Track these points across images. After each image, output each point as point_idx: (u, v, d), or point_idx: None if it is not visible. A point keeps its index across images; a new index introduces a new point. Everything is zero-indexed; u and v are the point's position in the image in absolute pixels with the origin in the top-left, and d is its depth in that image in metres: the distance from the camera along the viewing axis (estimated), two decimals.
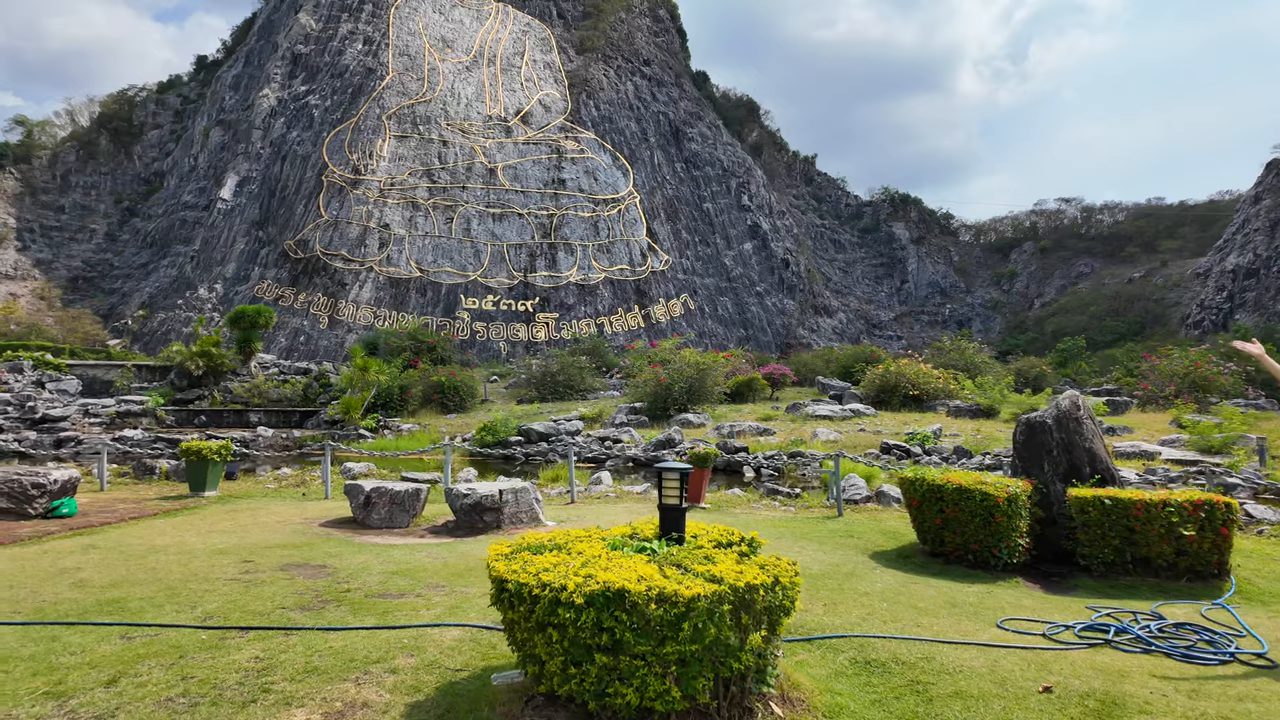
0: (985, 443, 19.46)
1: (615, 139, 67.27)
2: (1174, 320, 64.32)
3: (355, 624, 4.76)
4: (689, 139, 73.07)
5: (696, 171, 71.92)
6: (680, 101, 76.08)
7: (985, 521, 6.31)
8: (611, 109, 69.60)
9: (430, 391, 28.98)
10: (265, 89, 57.34)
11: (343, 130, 56.44)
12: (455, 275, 54.80)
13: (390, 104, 59.00)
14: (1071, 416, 6.84)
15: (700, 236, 67.68)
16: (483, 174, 59.57)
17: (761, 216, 71.92)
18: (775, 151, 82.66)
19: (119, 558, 7.02)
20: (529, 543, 3.98)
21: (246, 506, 10.44)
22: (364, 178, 54.59)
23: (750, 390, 28.94)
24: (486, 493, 8.51)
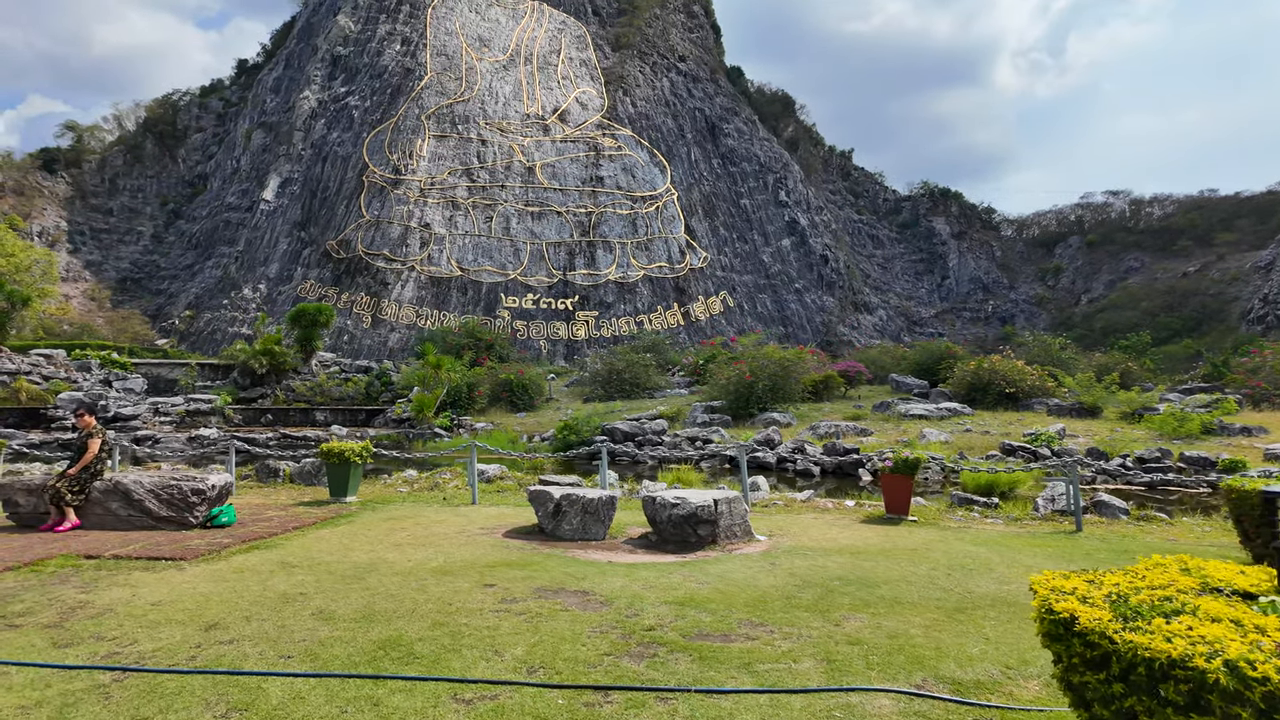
0: (1119, 444, 18.29)
1: (652, 136, 66.45)
2: (1233, 315, 62.40)
3: (727, 682, 3.82)
4: (725, 135, 72.06)
5: (733, 167, 70.91)
6: (716, 97, 75.09)
7: None
8: (648, 106, 68.80)
9: (499, 390, 28.21)
10: (305, 91, 57.04)
11: (382, 131, 56.05)
12: (495, 274, 54.18)
13: (429, 104, 58.51)
14: None
15: (738, 233, 66.68)
16: (521, 173, 58.95)
17: (799, 212, 70.76)
18: (811, 146, 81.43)
19: (331, 579, 6.14)
20: (1107, 583, 2.98)
21: (402, 514, 9.57)
22: (404, 178, 54.13)
23: (826, 388, 27.88)
24: (701, 503, 7.56)
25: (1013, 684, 3.77)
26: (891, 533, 8.30)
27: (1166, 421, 20.07)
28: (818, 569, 6.37)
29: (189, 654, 4.40)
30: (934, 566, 6.47)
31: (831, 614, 5.03)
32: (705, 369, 30.89)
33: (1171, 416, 20.25)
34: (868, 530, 8.49)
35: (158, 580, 6.15)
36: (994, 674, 3.89)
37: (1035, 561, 6.73)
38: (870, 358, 34.02)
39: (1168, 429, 19.79)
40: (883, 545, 7.47)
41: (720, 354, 31.37)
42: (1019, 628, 4.72)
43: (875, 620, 4.86)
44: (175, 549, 7.14)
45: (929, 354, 31.56)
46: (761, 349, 27.51)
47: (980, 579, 6.03)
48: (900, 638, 4.47)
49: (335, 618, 5.03)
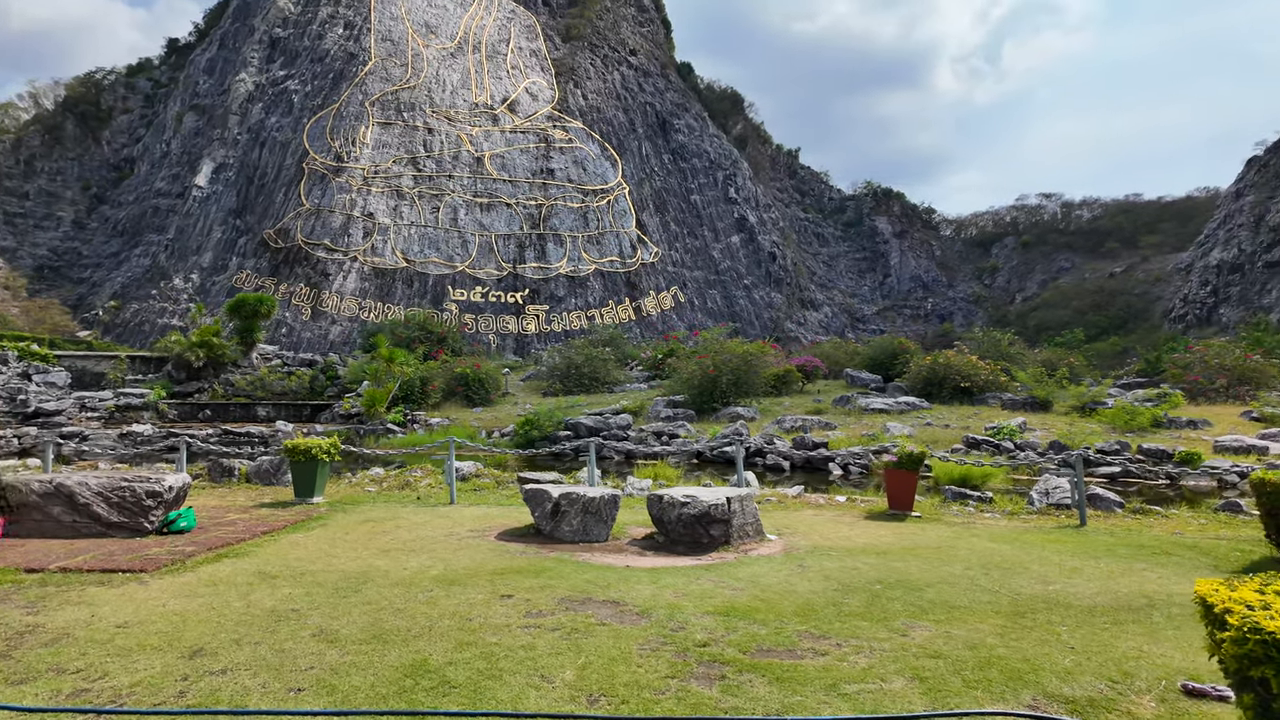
0: (1077, 438, 18.66)
1: (603, 129, 65.83)
2: (1156, 314, 65.40)
3: (819, 709, 3.42)
4: (676, 130, 71.95)
5: (684, 163, 70.88)
6: (666, 92, 74.90)
7: None
8: (599, 99, 68.14)
9: (453, 384, 27.27)
10: (242, 73, 54.41)
11: (324, 116, 53.92)
12: (442, 266, 52.79)
13: (373, 90, 56.55)
14: None
15: (689, 229, 66.69)
16: (469, 163, 57.59)
17: (748, 209, 71.23)
18: (759, 144, 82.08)
19: (323, 591, 5.48)
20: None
21: (378, 516, 8.86)
22: (347, 165, 52.19)
23: (785, 383, 27.87)
24: (713, 502, 7.14)
25: (1126, 700, 3.46)
26: (904, 530, 8.05)
27: (1118, 415, 20.63)
28: (850, 571, 6.02)
29: (175, 689, 3.74)
30: (967, 566, 6.20)
31: (891, 622, 4.66)
32: (664, 363, 30.59)
33: (1123, 410, 20.83)
34: (878, 527, 8.22)
35: (118, 597, 5.38)
36: (1102, 689, 3.57)
37: (1062, 559, 6.54)
38: (824, 352, 34.27)
39: (1119, 422, 20.34)
40: (903, 544, 7.18)
41: (679, 348, 31.11)
42: (1093, 633, 4.45)
43: (942, 629, 4.52)
44: (132, 559, 6.33)
45: (882, 349, 31.92)
46: (724, 343, 27.29)
47: (1020, 579, 5.77)
48: (980, 649, 4.13)
49: (341, 639, 4.41)
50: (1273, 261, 55.09)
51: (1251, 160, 61.26)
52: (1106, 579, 5.79)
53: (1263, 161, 60.76)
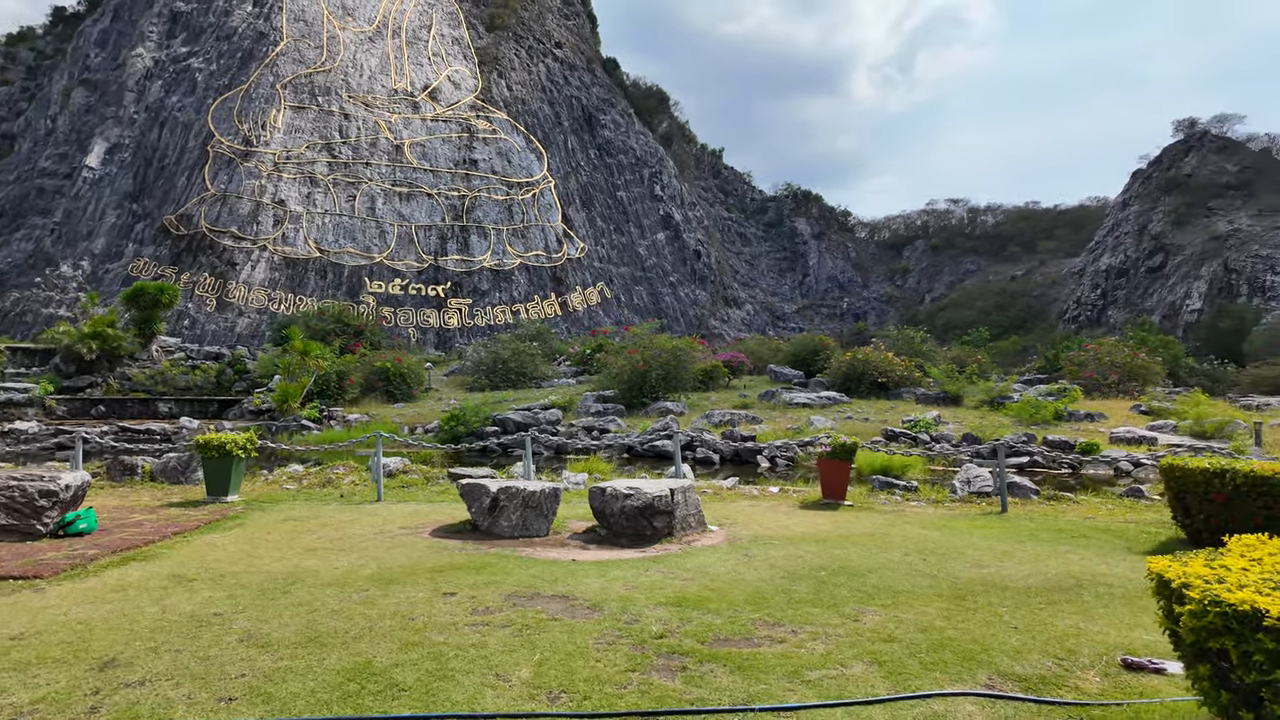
0: (987, 430, 19.58)
1: (528, 121, 65.01)
2: (1052, 315, 69.51)
3: (785, 695, 3.40)
4: (602, 126, 71.75)
5: (610, 159, 70.78)
6: (593, 87, 74.59)
7: None
8: (524, 90, 67.24)
9: (373, 379, 26.33)
10: (139, 48, 50.96)
11: (231, 98, 51.15)
12: (359, 257, 50.98)
13: (285, 72, 53.99)
14: None
15: (615, 225, 66.67)
16: (388, 151, 55.83)
17: (674, 207, 71.77)
18: (684, 143, 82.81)
19: (248, 594, 5.12)
20: (1235, 568, 2.75)
21: (300, 514, 8.38)
22: (256, 150, 49.68)
23: (712, 378, 28.19)
24: (657, 493, 7.07)
25: (1073, 676, 3.58)
26: (839, 518, 8.20)
27: (1024, 409, 21.79)
28: (795, 559, 6.07)
29: (86, 705, 3.39)
30: (905, 552, 6.35)
31: (842, 608, 4.71)
32: (593, 359, 30.43)
33: (1028, 404, 22.01)
34: (815, 516, 8.35)
35: (11, 606, 4.87)
36: (1050, 666, 3.69)
37: (991, 544, 6.79)
38: (749, 349, 34.86)
39: (1025, 415, 21.48)
40: (840, 532, 7.31)
41: (608, 344, 31.00)
42: (1032, 614, 4.61)
43: (890, 613, 4.59)
44: (25, 565, 5.76)
45: (804, 346, 32.72)
46: (654, 338, 27.35)
47: (956, 564, 5.95)
48: (931, 631, 4.21)
49: (273, 643, 4.11)
50: (1154, 267, 59.46)
51: (1136, 173, 65.92)
52: (1035, 562, 6.04)
53: (1146, 175, 65.52)
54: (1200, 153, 61.50)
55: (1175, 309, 54.66)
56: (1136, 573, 5.74)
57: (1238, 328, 46.26)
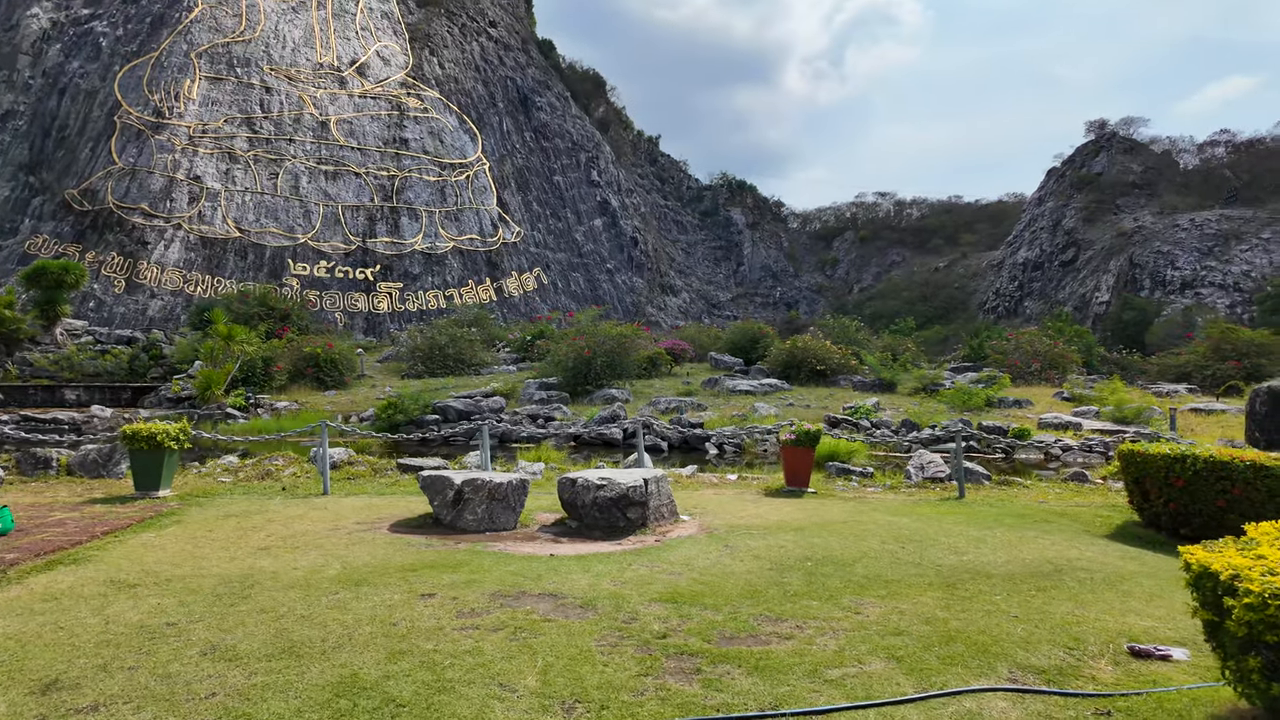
0: (925, 416, 20.14)
1: (462, 101, 63.36)
2: (973, 305, 72.36)
3: (809, 697, 3.27)
4: (538, 108, 70.60)
5: (546, 143, 69.77)
6: (528, 68, 73.24)
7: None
8: (457, 69, 65.46)
9: (302, 365, 25.19)
10: (34, 8, 47.16)
11: (140, 65, 47.95)
12: (281, 237, 48.75)
13: (200, 40, 50.92)
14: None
15: (551, 210, 65.86)
16: (313, 127, 53.47)
17: (611, 193, 71.38)
18: (621, 129, 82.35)
19: (201, 600, 4.67)
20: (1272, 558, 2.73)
21: (242, 509, 7.82)
22: (169, 122, 46.77)
23: (655, 365, 28.14)
24: (631, 484, 6.87)
25: (1086, 666, 3.58)
26: (807, 506, 8.19)
27: (957, 396, 22.52)
28: (777, 549, 5.98)
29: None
30: (883, 540, 6.35)
31: (839, 600, 4.62)
32: (534, 345, 29.93)
33: (960, 391, 22.76)
34: (782, 504, 8.32)
35: None
36: (1062, 657, 3.68)
37: (961, 529, 6.88)
38: (690, 336, 34.97)
39: (958, 402, 22.21)
40: (812, 520, 7.28)
41: (549, 330, 30.56)
42: (1025, 601, 4.63)
43: (889, 604, 4.53)
44: None
45: (743, 334, 33.03)
46: (598, 325, 27.05)
47: (935, 551, 5.98)
48: (935, 623, 4.16)
49: (241, 656, 3.73)
50: (1066, 261, 62.56)
51: (1051, 171, 69.14)
52: (1009, 548, 6.12)
53: (1060, 173, 68.78)
54: (1109, 153, 64.91)
55: (1086, 301, 57.65)
56: (1108, 556, 5.88)
57: (1140, 319, 49.14)
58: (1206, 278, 52.01)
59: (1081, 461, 15.98)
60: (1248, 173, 58.51)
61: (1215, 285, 51.67)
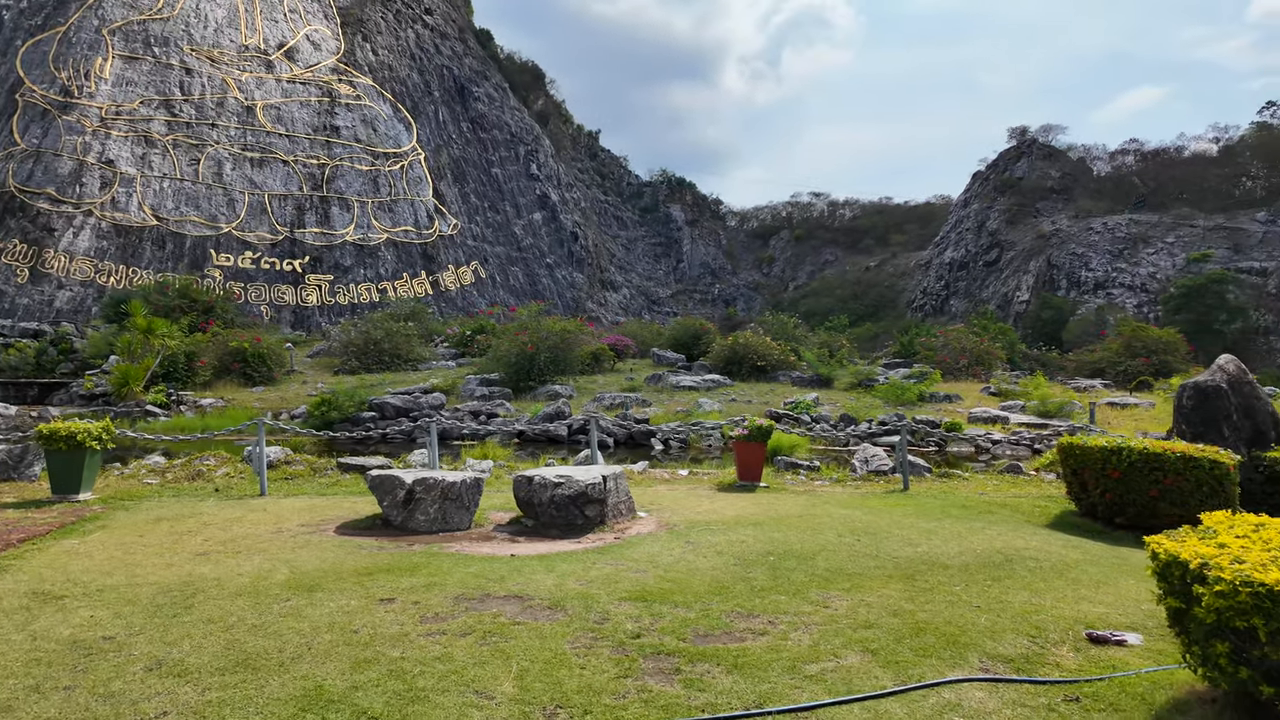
0: (862, 410, 20.66)
1: (396, 89, 61.76)
2: (901, 304, 74.65)
3: (792, 694, 3.29)
4: (475, 99, 69.40)
5: (484, 134, 68.67)
6: (465, 58, 71.90)
7: (1213, 491, 6.26)
8: (391, 56, 63.74)
9: (228, 360, 24.11)
10: None
11: (45, 41, 45.11)
12: (203, 226, 46.58)
13: (113, 16, 48.17)
14: (1244, 380, 7.09)
15: (489, 202, 64.89)
16: (238, 112, 51.26)
17: (550, 187, 70.79)
18: (561, 123, 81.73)
19: (140, 611, 4.37)
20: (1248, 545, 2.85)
21: (174, 513, 7.38)
22: (78, 102, 44.13)
23: (598, 361, 28.04)
24: (589, 481, 6.78)
25: (1050, 653, 3.70)
26: (762, 501, 8.26)
27: (891, 391, 23.19)
28: (738, 545, 6.00)
29: None
30: (839, 533, 6.45)
31: (806, 594, 4.66)
32: (474, 340, 29.40)
33: (895, 387, 23.45)
34: (737, 499, 8.37)
35: None
36: (1026, 645, 3.79)
37: (912, 521, 7.05)
38: (632, 331, 34.98)
39: (892, 397, 22.87)
40: (768, 514, 7.34)
41: (490, 325, 30.08)
42: (983, 591, 4.76)
43: (855, 597, 4.59)
44: None
45: (685, 330, 33.24)
46: (542, 320, 26.75)
47: (889, 543, 6.10)
48: (903, 615, 4.23)
49: (191, 670, 3.50)
50: (990, 261, 65.17)
51: (976, 174, 71.86)
52: (959, 538, 6.30)
53: (984, 176, 71.57)
54: (1030, 158, 67.88)
55: (1008, 300, 60.18)
56: (1052, 546, 6.12)
57: (1058, 317, 51.60)
58: (1117, 279, 54.92)
59: (1010, 454, 16.67)
60: (1154, 180, 62.08)
61: (1125, 286, 54.59)
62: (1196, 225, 54.62)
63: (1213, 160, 62.39)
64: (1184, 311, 40.89)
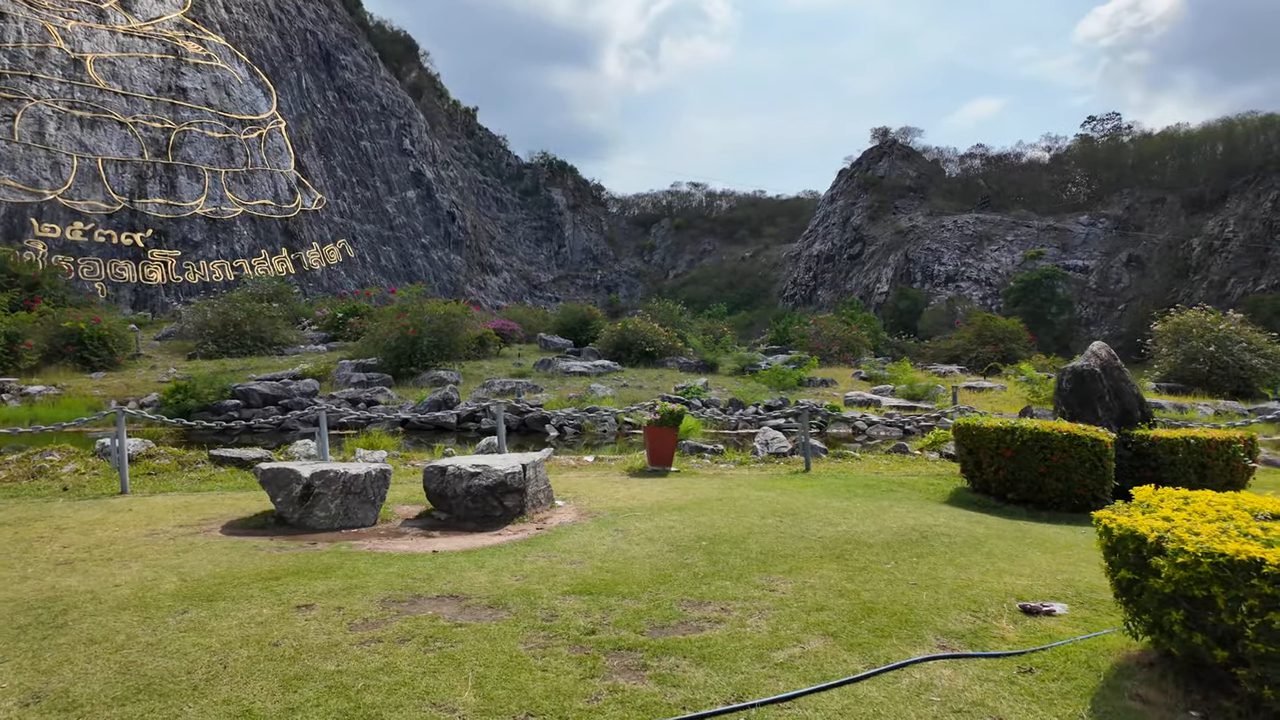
0: (749, 395, 21.24)
1: (253, 51, 57.18)
2: (774, 293, 77.68)
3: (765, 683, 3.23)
4: (343, 67, 65.47)
5: (352, 105, 64.99)
6: (331, 23, 67.59)
7: (1094, 467, 6.79)
8: (247, 15, 58.89)
9: (60, 342, 21.51)
10: None
11: None
12: (22, 192, 41.41)
13: None
14: (1114, 364, 7.72)
15: (358, 177, 61.57)
16: (63, 64, 45.77)
17: (425, 164, 68.07)
18: (436, 98, 78.63)
19: (11, 637, 3.69)
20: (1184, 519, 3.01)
21: (19, 515, 6.36)
22: None
23: (484, 346, 27.29)
24: (508, 470, 6.47)
25: (994, 627, 3.85)
26: (677, 484, 8.24)
27: (773, 376, 24.03)
28: (666, 531, 5.91)
29: None
30: (761, 515, 6.51)
31: (748, 578, 4.63)
32: (346, 323, 27.79)
33: (776, 372, 24.31)
34: (653, 484, 8.29)
35: None
36: (971, 621, 3.92)
37: (825, 501, 7.25)
38: (518, 316, 34.32)
39: (774, 382, 23.70)
40: (687, 499, 7.32)
41: (364, 307, 28.50)
42: (912, 568, 4.92)
43: (796, 579, 4.62)
44: None
45: (572, 315, 32.99)
46: (425, 303, 25.60)
47: (810, 524, 6.22)
48: (848, 596, 4.29)
49: (80, 702, 2.97)
50: (854, 254, 68.96)
51: (842, 171, 75.69)
52: (872, 517, 6.53)
53: (849, 174, 75.54)
54: (890, 158, 72.26)
55: (870, 290, 63.93)
56: (957, 522, 6.46)
57: (913, 308, 55.38)
58: (965, 273, 59.54)
59: (883, 435, 17.69)
60: (997, 183, 67.70)
61: (971, 280, 59.29)
62: (1032, 225, 60.18)
63: (1045, 167, 68.92)
64: (1022, 304, 44.97)
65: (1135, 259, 52.45)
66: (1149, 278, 50.38)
